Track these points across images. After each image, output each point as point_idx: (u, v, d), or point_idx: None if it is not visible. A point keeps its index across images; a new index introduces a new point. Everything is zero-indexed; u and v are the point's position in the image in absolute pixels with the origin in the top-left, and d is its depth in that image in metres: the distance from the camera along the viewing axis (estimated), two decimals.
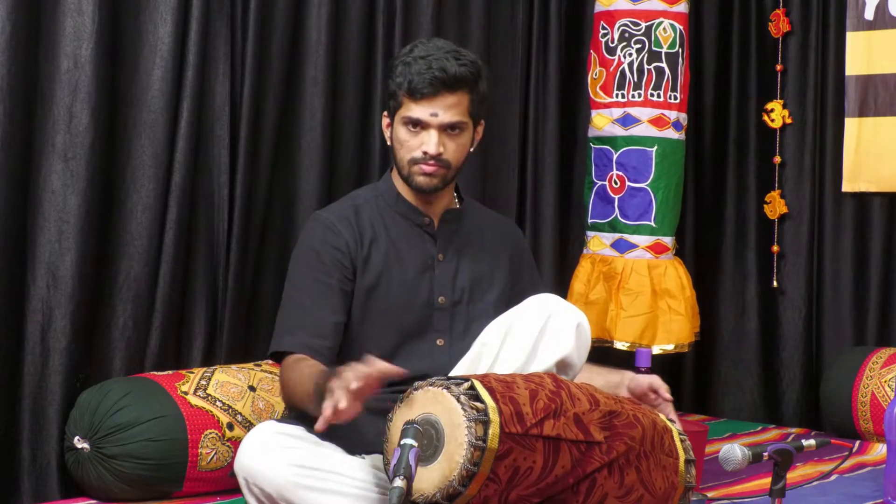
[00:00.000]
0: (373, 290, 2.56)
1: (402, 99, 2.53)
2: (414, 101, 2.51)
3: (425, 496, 2.11)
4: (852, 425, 3.79)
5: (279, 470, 2.27)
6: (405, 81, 2.51)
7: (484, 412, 2.10)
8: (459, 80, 2.51)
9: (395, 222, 2.62)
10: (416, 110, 2.51)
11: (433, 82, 2.49)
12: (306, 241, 2.59)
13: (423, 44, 2.57)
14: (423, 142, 2.52)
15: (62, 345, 2.92)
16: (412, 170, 2.55)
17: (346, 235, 2.56)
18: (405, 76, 2.51)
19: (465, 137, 2.58)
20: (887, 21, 4.00)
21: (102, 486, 2.84)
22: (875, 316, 4.11)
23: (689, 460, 2.41)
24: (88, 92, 2.94)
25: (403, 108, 2.53)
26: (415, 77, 2.49)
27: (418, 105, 2.51)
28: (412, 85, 2.50)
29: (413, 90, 2.50)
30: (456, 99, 2.52)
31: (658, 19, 3.78)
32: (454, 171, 2.59)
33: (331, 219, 2.59)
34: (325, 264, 2.53)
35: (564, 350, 2.48)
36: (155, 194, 3.10)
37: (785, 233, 4.29)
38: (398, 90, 2.53)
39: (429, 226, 2.63)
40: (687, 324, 3.79)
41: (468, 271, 2.65)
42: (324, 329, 2.50)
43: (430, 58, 2.51)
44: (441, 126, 2.52)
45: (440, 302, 2.60)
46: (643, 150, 3.78)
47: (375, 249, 2.58)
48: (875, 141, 4.05)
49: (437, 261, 2.62)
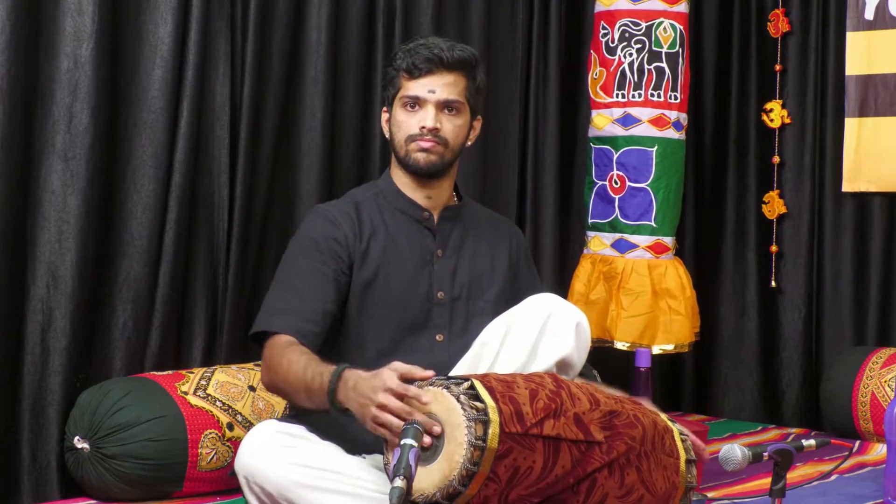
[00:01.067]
0: (370, 285, 2.56)
1: (400, 80, 2.59)
2: (413, 79, 2.57)
3: (425, 496, 2.11)
4: (852, 425, 3.79)
5: (280, 469, 2.28)
6: (404, 62, 2.58)
7: (484, 412, 2.10)
8: (457, 61, 2.58)
9: (394, 218, 2.63)
10: (413, 88, 2.57)
11: (431, 59, 2.56)
12: (305, 231, 2.60)
13: (423, 38, 2.65)
14: (420, 119, 2.56)
15: (62, 345, 2.92)
16: (409, 147, 2.58)
17: (346, 228, 2.57)
18: (404, 59, 2.59)
19: (462, 119, 2.61)
20: (887, 21, 4.00)
21: (102, 486, 2.84)
22: (875, 316, 4.11)
23: (689, 460, 2.41)
24: (88, 92, 2.94)
25: (402, 89, 2.59)
26: (415, 57, 2.57)
27: (416, 82, 2.57)
28: (411, 63, 2.56)
29: (411, 68, 2.56)
30: (453, 78, 2.58)
31: (658, 19, 3.78)
32: (451, 154, 2.60)
33: (332, 212, 2.61)
34: (323, 253, 2.54)
35: (564, 350, 2.49)
36: (155, 194, 3.10)
37: (785, 233, 4.29)
38: (397, 74, 2.60)
39: (428, 220, 2.64)
40: (687, 324, 3.79)
41: (467, 267, 2.65)
42: (315, 314, 2.48)
43: (428, 42, 2.60)
44: (438, 103, 2.56)
45: (439, 297, 2.61)
46: (643, 150, 3.78)
47: (374, 244, 2.58)
48: (875, 141, 4.04)
49: (436, 256, 2.63)
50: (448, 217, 2.67)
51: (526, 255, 2.83)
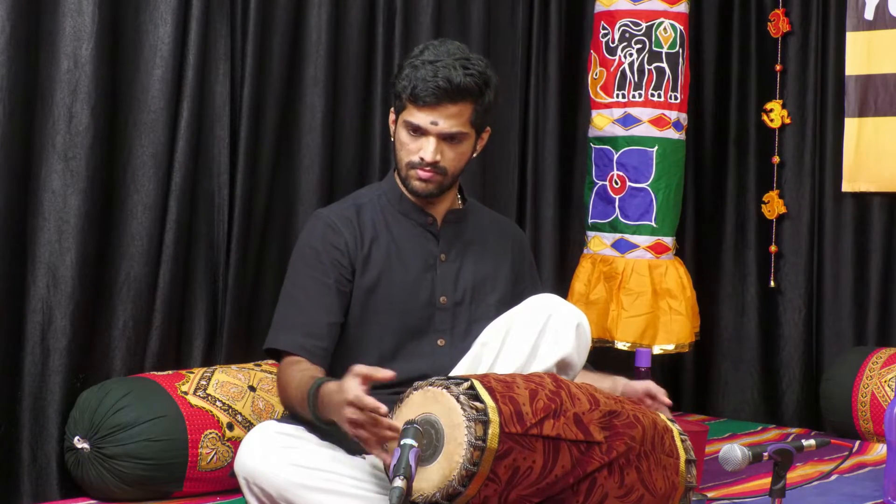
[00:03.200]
0: (373, 290, 2.56)
1: (405, 102, 2.53)
2: (416, 108, 2.50)
3: (425, 496, 2.11)
4: (852, 425, 3.79)
5: (279, 470, 2.28)
6: (409, 86, 2.50)
7: (483, 412, 2.10)
8: (463, 90, 2.49)
9: (397, 222, 2.62)
10: (417, 116, 2.51)
11: (436, 92, 2.47)
12: (306, 239, 2.60)
13: (434, 47, 2.54)
14: (421, 147, 2.52)
15: (62, 345, 2.92)
16: (409, 173, 2.56)
17: (347, 235, 2.56)
18: (410, 80, 2.50)
19: (465, 146, 2.57)
20: (887, 21, 4.00)
21: (102, 486, 2.84)
22: (875, 316, 4.11)
23: (689, 460, 2.41)
24: (88, 92, 2.94)
25: (406, 111, 2.53)
26: (419, 83, 2.48)
27: (420, 112, 2.50)
28: (415, 91, 2.48)
29: (416, 97, 2.49)
30: (458, 109, 2.51)
31: (658, 19, 3.78)
32: (451, 178, 2.59)
33: (332, 217, 2.59)
34: (324, 263, 2.54)
35: (564, 350, 2.49)
36: (155, 194, 3.10)
37: (785, 233, 4.30)
38: (402, 93, 2.53)
39: (432, 225, 2.63)
40: (687, 324, 3.79)
41: (471, 272, 2.65)
42: (318, 329, 2.50)
43: (437, 64, 2.49)
44: (440, 135, 2.51)
45: (442, 302, 2.60)
46: (644, 151, 3.78)
47: (376, 249, 2.58)
48: (875, 141, 4.05)
49: (439, 261, 2.62)
50: (452, 221, 2.66)
51: (528, 256, 2.83)
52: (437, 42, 2.58)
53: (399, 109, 2.56)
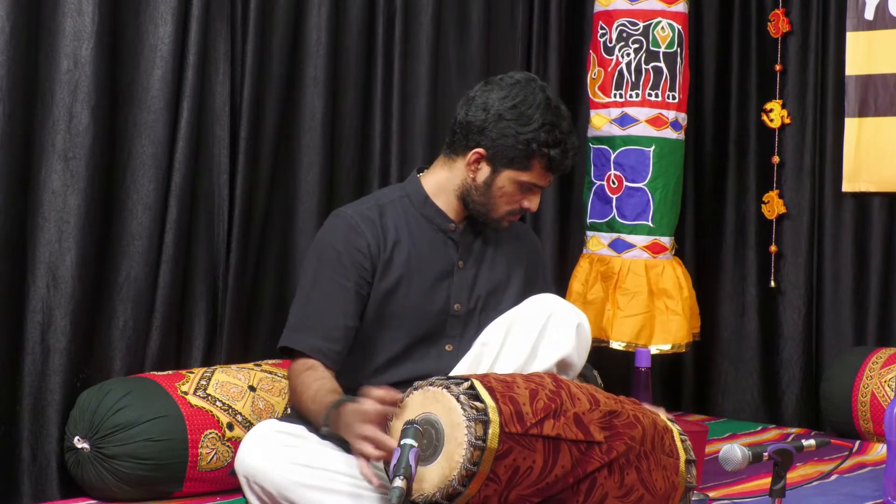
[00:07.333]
0: (391, 294, 2.56)
1: (533, 162, 2.55)
2: (545, 172, 2.57)
3: (425, 496, 2.11)
4: (852, 425, 3.79)
5: (280, 468, 2.28)
6: (546, 159, 2.54)
7: (484, 412, 2.10)
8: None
9: (419, 226, 2.61)
10: (542, 179, 2.58)
11: (566, 165, 2.59)
12: (328, 239, 2.58)
13: (557, 113, 2.56)
14: (527, 199, 2.59)
15: (62, 345, 2.92)
16: (503, 217, 2.61)
17: (369, 236, 2.55)
18: (549, 148, 2.53)
19: None
20: (887, 21, 4.00)
21: (102, 486, 2.84)
22: (875, 316, 4.11)
23: (689, 460, 2.41)
24: (88, 92, 2.94)
25: (531, 170, 2.56)
26: (557, 157, 2.55)
27: (547, 176, 2.59)
28: (553, 164, 2.55)
29: (553, 168, 2.57)
30: None
31: (656, 19, 3.78)
32: None
33: (355, 218, 2.57)
34: (345, 265, 2.53)
35: (565, 350, 2.49)
36: (155, 194, 3.10)
37: (785, 233, 4.30)
38: (534, 155, 2.54)
39: (454, 232, 2.63)
40: (685, 324, 3.78)
41: (486, 279, 2.65)
42: (335, 332, 2.51)
43: (567, 145, 2.56)
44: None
45: (455, 309, 2.61)
46: (641, 150, 3.78)
47: (398, 253, 2.57)
48: (875, 141, 4.05)
49: (457, 268, 2.62)
50: (472, 227, 2.66)
51: (543, 263, 2.84)
52: (552, 97, 2.58)
53: (513, 161, 2.54)
